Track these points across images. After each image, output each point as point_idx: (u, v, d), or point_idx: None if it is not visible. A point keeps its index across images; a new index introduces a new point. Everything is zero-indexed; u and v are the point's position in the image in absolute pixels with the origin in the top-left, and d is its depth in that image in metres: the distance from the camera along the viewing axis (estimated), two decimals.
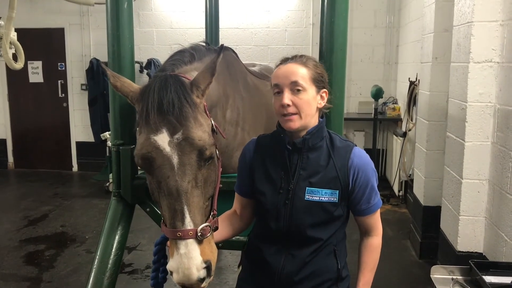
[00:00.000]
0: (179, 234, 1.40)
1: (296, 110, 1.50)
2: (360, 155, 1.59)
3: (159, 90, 1.48)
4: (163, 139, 1.43)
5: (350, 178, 1.56)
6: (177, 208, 1.41)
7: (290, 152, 1.58)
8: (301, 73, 1.52)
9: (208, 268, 1.42)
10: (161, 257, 1.76)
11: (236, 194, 1.75)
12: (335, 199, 1.54)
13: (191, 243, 1.40)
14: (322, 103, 1.58)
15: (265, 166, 1.62)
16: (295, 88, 1.50)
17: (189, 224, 1.40)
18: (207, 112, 1.61)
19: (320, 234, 1.56)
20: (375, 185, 1.60)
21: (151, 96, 1.47)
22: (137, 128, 1.54)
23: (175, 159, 1.42)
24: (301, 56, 1.59)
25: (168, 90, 1.47)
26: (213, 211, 1.56)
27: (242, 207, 1.74)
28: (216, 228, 1.55)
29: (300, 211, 1.54)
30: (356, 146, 1.62)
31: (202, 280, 1.40)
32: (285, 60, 1.58)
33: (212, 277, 1.46)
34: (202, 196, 1.48)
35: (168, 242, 1.49)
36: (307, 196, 1.54)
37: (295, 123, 1.51)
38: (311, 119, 1.55)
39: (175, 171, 1.42)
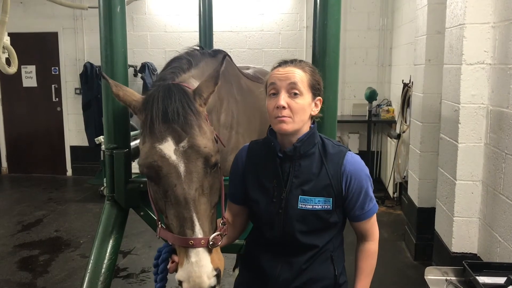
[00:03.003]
0: (191, 242, 1.39)
1: (290, 114, 1.49)
2: (353, 161, 1.56)
3: (163, 99, 1.48)
4: (168, 148, 1.43)
5: (343, 184, 1.54)
6: (186, 216, 1.41)
7: (281, 160, 1.56)
8: (300, 77, 1.51)
9: (217, 276, 1.43)
10: (166, 266, 1.70)
11: (228, 202, 1.73)
12: (329, 206, 1.53)
13: (202, 252, 1.40)
14: (316, 111, 1.57)
15: (257, 174, 1.61)
16: (293, 91, 1.49)
17: (199, 232, 1.41)
18: (208, 121, 1.61)
19: (316, 241, 1.55)
20: (370, 190, 1.58)
21: (156, 105, 1.48)
22: (140, 138, 1.53)
23: (181, 167, 1.42)
24: (300, 61, 1.58)
25: (173, 99, 1.48)
26: (223, 219, 1.56)
27: (235, 215, 1.72)
28: (225, 235, 1.55)
29: (293, 220, 1.53)
30: (349, 151, 1.60)
31: None
32: (284, 63, 1.57)
33: (220, 285, 1.46)
34: (209, 203, 1.48)
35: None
36: (300, 205, 1.53)
37: (288, 126, 1.49)
38: (304, 125, 1.54)
39: (182, 179, 1.42)
